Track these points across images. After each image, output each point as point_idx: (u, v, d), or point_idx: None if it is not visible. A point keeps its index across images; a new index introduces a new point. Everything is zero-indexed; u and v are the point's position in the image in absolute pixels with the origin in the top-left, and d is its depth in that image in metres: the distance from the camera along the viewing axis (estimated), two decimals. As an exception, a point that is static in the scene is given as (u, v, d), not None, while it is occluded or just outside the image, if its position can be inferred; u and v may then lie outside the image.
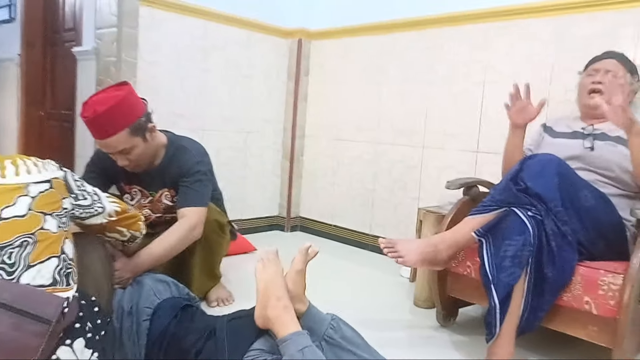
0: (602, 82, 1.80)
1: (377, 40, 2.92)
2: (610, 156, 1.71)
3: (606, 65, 1.82)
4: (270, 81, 3.21)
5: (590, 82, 1.83)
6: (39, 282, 0.92)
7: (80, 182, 1.19)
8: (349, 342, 1.18)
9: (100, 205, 1.22)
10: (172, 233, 1.66)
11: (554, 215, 1.48)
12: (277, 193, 3.40)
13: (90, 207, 1.19)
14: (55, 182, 1.05)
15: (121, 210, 1.30)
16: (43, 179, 1.03)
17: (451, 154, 2.60)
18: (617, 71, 1.81)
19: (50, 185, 1.03)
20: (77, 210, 1.15)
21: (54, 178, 1.06)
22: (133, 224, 1.37)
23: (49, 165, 1.08)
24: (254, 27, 3.05)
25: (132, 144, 1.65)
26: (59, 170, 1.10)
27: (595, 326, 1.44)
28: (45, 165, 1.07)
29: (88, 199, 1.19)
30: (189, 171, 1.78)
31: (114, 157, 1.69)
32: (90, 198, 1.19)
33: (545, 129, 1.98)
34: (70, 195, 1.12)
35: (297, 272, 1.27)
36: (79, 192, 1.16)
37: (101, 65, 2.58)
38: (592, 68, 1.87)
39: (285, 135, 3.35)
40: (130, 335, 1.22)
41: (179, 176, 1.78)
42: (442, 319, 1.88)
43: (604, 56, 1.87)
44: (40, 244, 0.95)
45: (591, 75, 1.85)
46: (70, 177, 1.14)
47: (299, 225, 3.43)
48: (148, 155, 1.76)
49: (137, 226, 1.39)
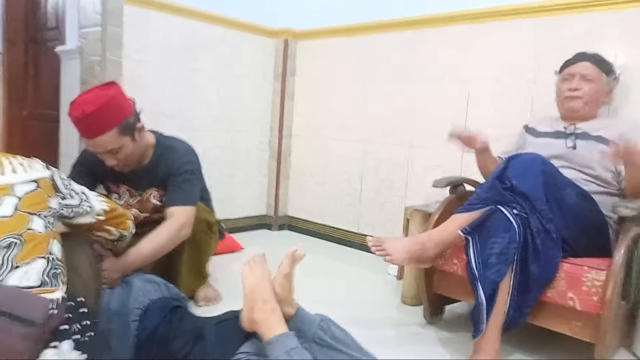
0: (578, 89, 1.82)
1: (364, 40, 2.93)
2: (592, 155, 1.74)
3: (581, 69, 1.83)
4: (257, 81, 3.21)
5: (567, 89, 1.85)
6: (26, 284, 0.91)
7: (68, 181, 1.17)
8: (339, 342, 1.18)
9: (88, 204, 1.21)
10: (161, 232, 1.65)
11: (539, 213, 1.50)
12: (265, 192, 3.40)
13: (78, 206, 1.17)
14: (42, 182, 1.04)
15: (110, 209, 1.29)
16: (29, 178, 1.01)
17: (437, 153, 2.62)
18: (593, 76, 1.82)
19: (36, 185, 1.02)
20: (64, 210, 1.13)
21: (41, 177, 1.04)
22: (122, 223, 1.36)
23: (35, 165, 1.06)
24: (240, 27, 3.04)
25: (121, 144, 1.63)
26: (45, 170, 1.08)
27: (579, 322, 1.47)
28: (31, 164, 1.05)
29: (76, 198, 1.17)
30: (177, 171, 1.77)
31: (102, 156, 1.67)
32: (78, 197, 1.18)
33: (528, 129, 2.01)
34: (57, 195, 1.10)
35: (284, 276, 1.26)
36: (67, 191, 1.14)
37: (85, 64, 2.55)
38: (567, 72, 1.88)
39: (272, 135, 3.35)
40: (118, 337, 1.21)
41: (167, 176, 1.78)
42: (429, 316, 1.90)
43: (577, 59, 1.87)
44: (27, 244, 0.94)
45: (567, 80, 1.87)
46: (57, 176, 1.12)
47: (286, 225, 3.42)
48: (136, 155, 1.75)
49: (125, 225, 1.38)
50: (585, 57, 1.86)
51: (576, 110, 1.84)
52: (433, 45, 2.62)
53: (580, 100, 1.82)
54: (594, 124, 1.84)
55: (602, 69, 1.84)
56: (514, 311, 1.50)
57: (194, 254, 1.86)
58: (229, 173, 3.13)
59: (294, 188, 3.39)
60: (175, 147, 1.84)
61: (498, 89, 2.39)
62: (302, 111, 3.31)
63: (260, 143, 3.31)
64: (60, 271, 0.99)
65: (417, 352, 1.67)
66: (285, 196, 3.40)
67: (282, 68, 3.26)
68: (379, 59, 2.86)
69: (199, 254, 1.90)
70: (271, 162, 3.37)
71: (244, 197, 3.25)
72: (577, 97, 1.82)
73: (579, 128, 1.83)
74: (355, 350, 1.18)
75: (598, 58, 1.86)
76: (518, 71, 2.31)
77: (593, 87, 1.82)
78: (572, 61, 1.88)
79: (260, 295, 1.19)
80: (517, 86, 2.33)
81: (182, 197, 1.75)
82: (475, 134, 1.84)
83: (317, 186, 3.23)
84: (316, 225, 3.25)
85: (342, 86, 3.06)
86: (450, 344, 1.75)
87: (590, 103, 1.83)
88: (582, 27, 2.12)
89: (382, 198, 2.88)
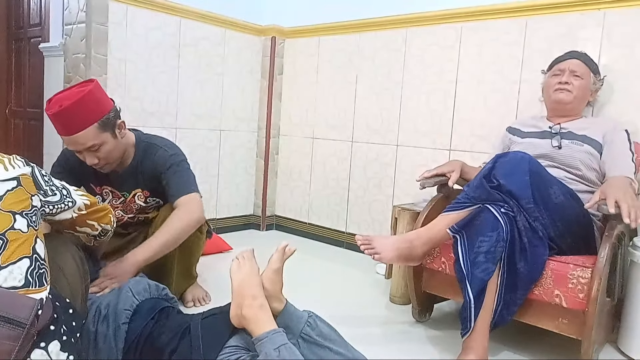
0: (568, 82, 1.85)
1: (351, 38, 2.93)
2: (576, 154, 1.76)
3: (571, 65, 1.88)
4: (244, 79, 3.19)
5: (556, 82, 1.88)
6: (11, 284, 0.89)
7: (48, 177, 1.14)
8: (326, 338, 1.18)
9: (69, 199, 1.18)
10: (172, 221, 1.63)
11: (526, 211, 1.52)
12: (252, 192, 3.38)
13: (59, 202, 1.15)
14: (23, 179, 1.02)
15: (90, 204, 1.26)
16: (10, 176, 0.99)
17: (425, 152, 2.64)
18: (582, 72, 1.86)
19: (17, 182, 1.00)
20: (46, 207, 1.11)
21: (22, 175, 1.02)
22: (103, 217, 1.33)
23: (15, 161, 1.03)
24: (227, 24, 3.02)
25: (102, 140, 1.60)
26: (25, 166, 1.05)
27: (565, 319, 1.49)
28: (12, 161, 1.03)
29: (57, 194, 1.14)
30: (165, 165, 1.74)
31: (82, 155, 1.63)
32: (59, 193, 1.15)
33: (512, 130, 2.02)
34: (39, 192, 1.07)
35: (274, 271, 1.26)
36: (47, 187, 1.11)
37: (69, 61, 2.52)
38: (557, 68, 1.92)
39: (259, 134, 3.33)
40: (106, 339, 1.19)
41: (155, 174, 1.75)
42: (418, 315, 1.91)
43: (567, 56, 1.92)
44: (11, 244, 0.92)
45: (557, 74, 1.90)
46: (37, 173, 1.09)
47: (274, 224, 3.41)
48: (118, 153, 1.71)
49: (107, 219, 1.35)
50: (576, 54, 1.91)
51: (565, 102, 1.86)
52: (420, 44, 2.63)
53: (569, 93, 1.85)
54: (578, 123, 1.87)
55: (590, 68, 1.89)
56: (502, 309, 1.52)
57: (183, 255, 1.84)
58: (215, 172, 3.11)
59: (281, 187, 3.38)
60: (156, 144, 1.80)
61: (484, 89, 2.41)
62: (289, 110, 3.30)
63: (248, 142, 3.29)
64: (44, 271, 0.97)
65: (406, 350, 1.68)
66: (273, 195, 3.39)
67: (269, 66, 3.24)
68: (367, 58, 2.86)
69: (189, 255, 1.88)
70: (258, 161, 3.36)
71: (230, 196, 3.23)
72: (566, 90, 1.85)
73: (564, 128, 1.85)
74: (342, 347, 1.18)
75: (587, 57, 1.91)
76: (504, 71, 2.34)
77: (582, 83, 1.86)
78: (563, 58, 1.92)
79: (248, 291, 1.18)
80: (503, 86, 2.35)
81: (182, 186, 1.72)
82: (442, 168, 1.90)
83: (305, 185, 3.23)
84: (304, 225, 3.24)
85: (330, 85, 3.06)
86: (438, 342, 1.76)
87: (578, 98, 1.86)
88: (566, 27, 2.15)
89: (370, 197, 2.88)
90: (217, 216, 3.12)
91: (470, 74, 2.46)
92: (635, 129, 1.92)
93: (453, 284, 1.60)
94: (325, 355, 1.16)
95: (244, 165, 3.30)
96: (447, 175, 1.88)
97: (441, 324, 1.93)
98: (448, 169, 1.89)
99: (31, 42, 3.42)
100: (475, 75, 2.44)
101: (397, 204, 2.44)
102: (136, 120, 2.60)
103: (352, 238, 2.43)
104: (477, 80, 2.43)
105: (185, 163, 1.81)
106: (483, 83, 2.41)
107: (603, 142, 1.77)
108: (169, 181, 1.74)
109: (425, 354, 1.66)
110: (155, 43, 2.67)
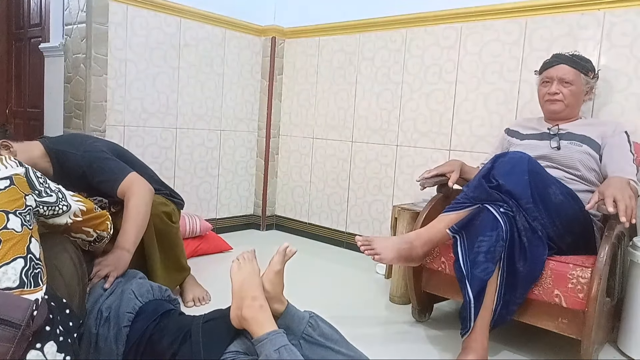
0: (557, 92, 1.83)
1: (351, 39, 2.93)
2: (575, 155, 1.76)
3: (559, 72, 1.83)
4: (244, 79, 3.19)
5: (546, 93, 1.86)
6: (5, 285, 0.89)
7: (43, 178, 1.14)
8: (328, 339, 1.18)
9: (64, 203, 1.18)
10: (129, 205, 1.60)
11: (525, 211, 1.51)
12: (252, 192, 3.38)
13: (55, 204, 1.14)
14: (16, 179, 1.01)
15: (87, 210, 1.26)
16: (2, 175, 0.99)
17: (425, 152, 2.63)
18: (571, 78, 1.82)
19: (10, 181, 0.99)
20: (41, 207, 1.10)
21: (15, 174, 1.02)
22: (100, 224, 1.32)
23: (8, 162, 1.03)
24: (228, 25, 3.02)
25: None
26: (19, 167, 1.05)
27: (565, 318, 1.48)
28: (4, 161, 1.03)
29: (53, 196, 1.14)
30: (82, 168, 1.68)
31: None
32: (55, 195, 1.14)
33: (511, 132, 2.01)
34: (33, 192, 1.07)
35: (275, 272, 1.25)
36: (42, 188, 1.11)
37: (70, 62, 2.52)
38: (546, 75, 1.87)
39: (259, 134, 3.33)
40: (106, 341, 1.18)
41: (80, 179, 1.69)
42: (418, 315, 1.90)
43: (554, 62, 1.86)
44: (5, 244, 0.91)
45: (547, 83, 1.87)
46: (31, 173, 1.09)
47: (274, 224, 3.41)
48: None
49: (104, 226, 1.34)
50: (562, 59, 1.85)
51: (558, 112, 1.86)
52: (419, 44, 2.63)
53: (560, 103, 1.84)
54: (577, 123, 1.86)
55: (580, 70, 1.83)
56: (502, 308, 1.51)
57: (165, 249, 1.82)
58: (215, 172, 3.11)
59: (281, 187, 3.38)
60: (64, 150, 1.72)
61: (484, 89, 2.40)
62: (289, 110, 3.30)
63: (248, 142, 3.29)
64: (40, 271, 0.96)
65: (406, 350, 1.67)
66: (273, 195, 3.39)
67: (270, 66, 3.24)
68: (367, 58, 2.86)
69: (171, 248, 1.87)
70: (258, 161, 3.35)
71: (231, 196, 3.23)
72: (557, 100, 1.84)
73: (563, 129, 1.85)
74: (344, 347, 1.18)
75: (575, 59, 1.84)
76: (504, 71, 2.33)
77: (572, 89, 1.82)
78: (550, 64, 1.87)
79: (249, 292, 1.18)
80: (503, 86, 2.34)
81: (113, 175, 1.67)
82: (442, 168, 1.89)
83: (305, 185, 3.22)
84: (304, 225, 3.24)
85: (330, 85, 3.05)
86: (438, 342, 1.75)
87: (570, 105, 1.84)
88: (566, 27, 2.14)
89: (369, 197, 2.88)
90: (217, 216, 3.12)
91: (470, 74, 2.45)
92: (635, 129, 1.92)
93: (453, 284, 1.60)
94: (327, 356, 1.15)
95: (244, 165, 3.30)
96: (446, 175, 1.87)
97: (441, 323, 1.92)
98: (448, 169, 1.89)
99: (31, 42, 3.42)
100: (475, 75, 2.43)
101: (397, 204, 2.43)
102: (136, 120, 2.60)
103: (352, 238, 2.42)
104: (477, 80, 2.43)
105: (97, 153, 1.72)
106: (483, 83, 2.41)
107: (602, 144, 1.77)
108: (98, 179, 1.68)
109: (425, 354, 1.65)
110: (156, 43, 2.67)
